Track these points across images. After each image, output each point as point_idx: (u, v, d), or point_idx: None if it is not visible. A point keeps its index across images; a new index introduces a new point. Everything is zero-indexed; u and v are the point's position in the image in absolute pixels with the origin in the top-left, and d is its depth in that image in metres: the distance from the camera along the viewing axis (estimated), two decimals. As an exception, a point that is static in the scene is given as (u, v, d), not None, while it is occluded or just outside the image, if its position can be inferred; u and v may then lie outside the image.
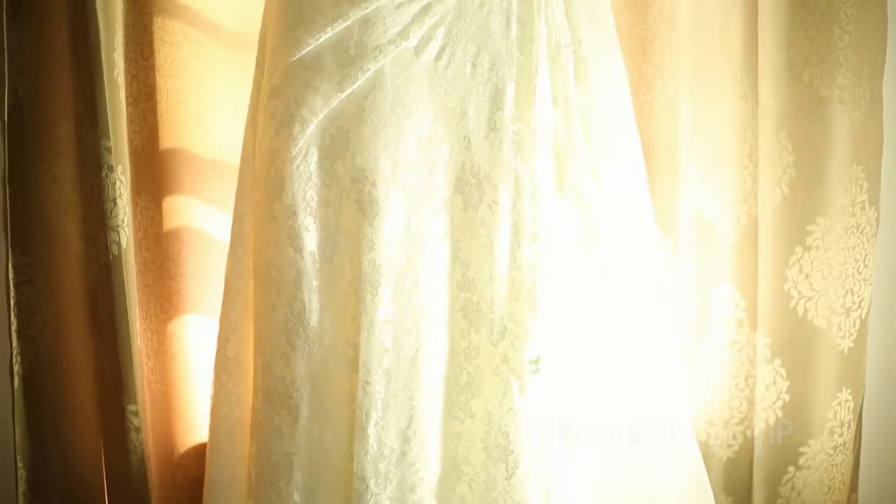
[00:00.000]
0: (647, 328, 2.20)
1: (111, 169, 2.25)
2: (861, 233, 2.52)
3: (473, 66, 2.07)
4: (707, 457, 2.48)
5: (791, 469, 2.58)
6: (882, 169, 2.52)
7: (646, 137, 2.35)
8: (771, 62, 2.47)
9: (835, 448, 2.57)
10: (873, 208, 2.52)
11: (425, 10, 2.06)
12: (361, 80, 2.05)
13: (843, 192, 2.50)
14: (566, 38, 2.10)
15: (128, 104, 2.36)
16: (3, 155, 2.31)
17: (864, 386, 2.58)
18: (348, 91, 2.06)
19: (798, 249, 2.52)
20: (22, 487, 2.39)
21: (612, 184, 2.14)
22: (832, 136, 2.48)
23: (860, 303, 2.55)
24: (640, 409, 2.17)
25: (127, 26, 2.36)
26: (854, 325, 2.55)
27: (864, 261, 2.54)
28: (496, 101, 2.07)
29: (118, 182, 2.26)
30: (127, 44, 2.36)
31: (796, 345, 2.54)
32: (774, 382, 2.55)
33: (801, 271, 2.52)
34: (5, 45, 2.27)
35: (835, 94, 2.47)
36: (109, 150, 2.25)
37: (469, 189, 2.08)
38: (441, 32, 2.07)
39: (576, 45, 2.11)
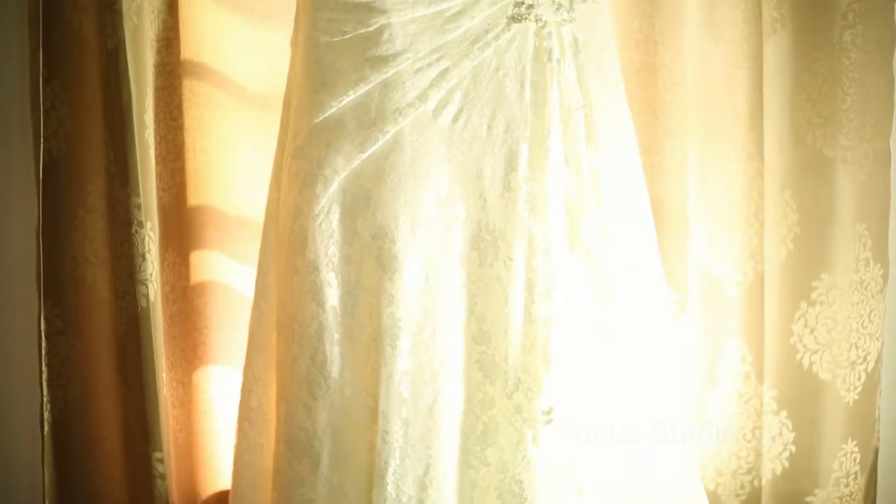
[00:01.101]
0: (657, 380, 2.27)
1: (140, 225, 2.35)
2: (865, 288, 2.60)
3: (489, 128, 2.17)
4: (716, 506, 2.57)
5: (799, 519, 2.65)
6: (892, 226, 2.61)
7: (655, 196, 2.44)
8: (775, 124, 2.56)
9: (841, 498, 2.64)
10: (878, 265, 2.60)
11: (443, 74, 2.16)
12: (382, 142, 2.15)
13: (847, 248, 2.58)
14: (578, 102, 2.19)
15: (157, 163, 2.46)
16: (37, 211, 2.40)
17: (877, 439, 2.64)
18: (369, 152, 2.15)
19: (803, 304, 2.60)
20: (51, 531, 2.47)
21: (622, 242, 2.23)
22: (835, 194, 2.57)
23: (865, 356, 2.62)
24: (650, 458, 2.24)
25: (157, 88, 2.46)
26: (859, 379, 2.62)
27: (868, 316, 2.61)
28: (511, 162, 2.16)
29: (147, 238, 2.36)
30: (157, 105, 2.46)
31: (802, 397, 2.61)
32: (781, 434, 2.62)
33: (806, 325, 2.60)
34: (41, 106, 2.37)
35: (838, 154, 2.56)
36: (139, 207, 2.34)
37: (485, 246, 2.16)
38: (458, 96, 2.16)
39: (587, 109, 2.20)
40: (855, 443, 2.63)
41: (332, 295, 2.16)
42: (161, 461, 2.40)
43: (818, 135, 2.57)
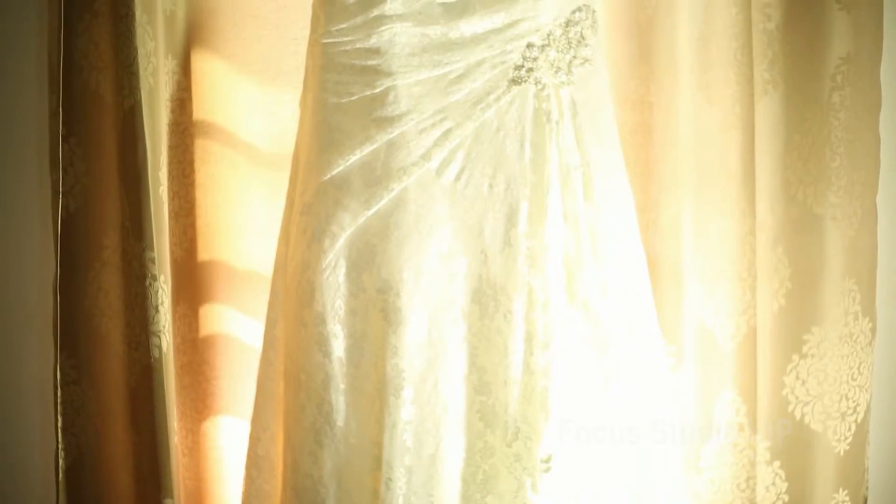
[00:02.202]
0: (653, 431, 2.34)
1: (155, 278, 2.42)
2: (854, 342, 2.67)
3: (490, 186, 2.24)
4: (712, 553, 2.63)
5: (792, 564, 2.71)
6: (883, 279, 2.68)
7: (651, 252, 2.52)
8: (767, 182, 2.65)
9: (832, 546, 2.70)
10: (867, 319, 2.67)
11: (446, 134, 2.24)
12: (387, 199, 2.22)
13: (837, 303, 2.66)
14: (576, 161, 2.27)
15: (169, 218, 2.54)
16: (55, 264, 2.48)
17: (866, 488, 2.70)
18: (375, 208, 2.22)
19: (795, 357, 2.67)
20: (64, 575, 2.53)
21: (618, 295, 2.29)
22: (825, 250, 2.65)
23: (855, 408, 2.69)
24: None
25: (170, 147, 2.55)
26: (849, 429, 2.69)
27: (858, 368, 2.68)
28: (511, 219, 2.24)
29: (161, 290, 2.43)
30: (170, 162, 2.55)
31: (794, 448, 2.68)
32: (774, 483, 2.69)
33: (797, 378, 2.67)
34: (60, 163, 2.45)
35: (827, 211, 2.64)
36: (153, 261, 2.42)
37: (486, 299, 2.23)
38: (460, 155, 2.24)
39: (585, 167, 2.28)
40: (846, 492, 2.69)
41: (339, 346, 2.23)
42: (171, 507, 2.47)
43: (808, 192, 2.65)
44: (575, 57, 2.27)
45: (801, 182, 2.65)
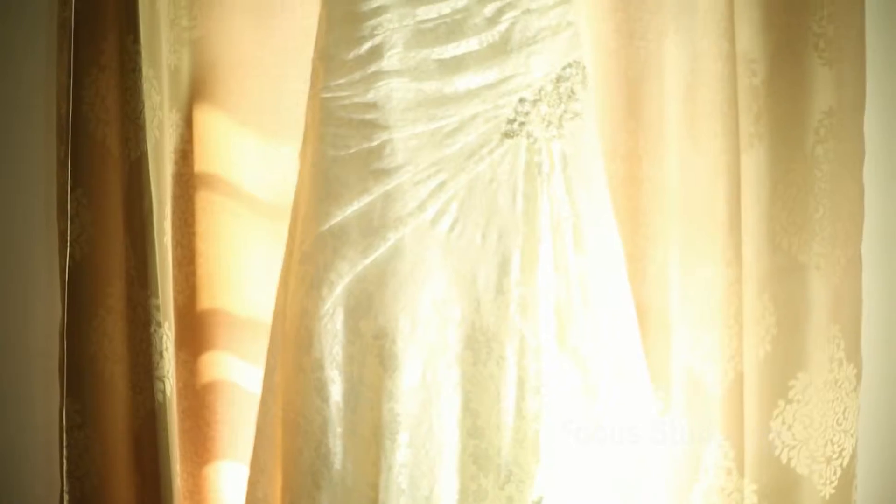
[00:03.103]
0: (642, 474, 2.40)
1: (159, 325, 2.49)
2: (839, 387, 2.74)
3: (483, 236, 2.31)
4: None
5: None
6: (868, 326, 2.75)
7: (639, 300, 2.56)
8: (753, 231, 2.71)
9: (819, 588, 2.75)
10: (851, 365, 2.73)
11: (441, 186, 2.31)
12: (383, 248, 2.29)
13: (822, 349, 2.72)
14: (566, 212, 2.34)
15: (172, 266, 2.61)
16: (61, 310, 2.55)
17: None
18: (372, 257, 2.29)
19: (781, 402, 2.72)
20: None
21: (608, 342, 2.35)
22: (810, 298, 2.71)
23: (841, 452, 2.74)
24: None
25: (174, 197, 2.62)
26: (835, 473, 2.74)
27: (843, 413, 2.74)
28: (503, 268, 2.30)
29: (165, 337, 2.50)
30: (173, 212, 2.61)
31: (781, 491, 2.73)
32: (761, 526, 2.75)
33: (784, 422, 2.73)
34: (67, 212, 2.52)
35: (812, 260, 2.71)
36: (158, 308, 2.49)
37: (479, 346, 2.30)
38: (454, 206, 2.31)
39: (575, 218, 2.34)
40: (832, 534, 2.75)
41: (336, 391, 2.29)
42: (173, 549, 2.52)
43: (793, 241, 2.71)
44: (566, 111, 2.34)
45: (786, 231, 2.71)
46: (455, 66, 2.31)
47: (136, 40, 2.45)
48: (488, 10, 2.33)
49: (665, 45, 2.66)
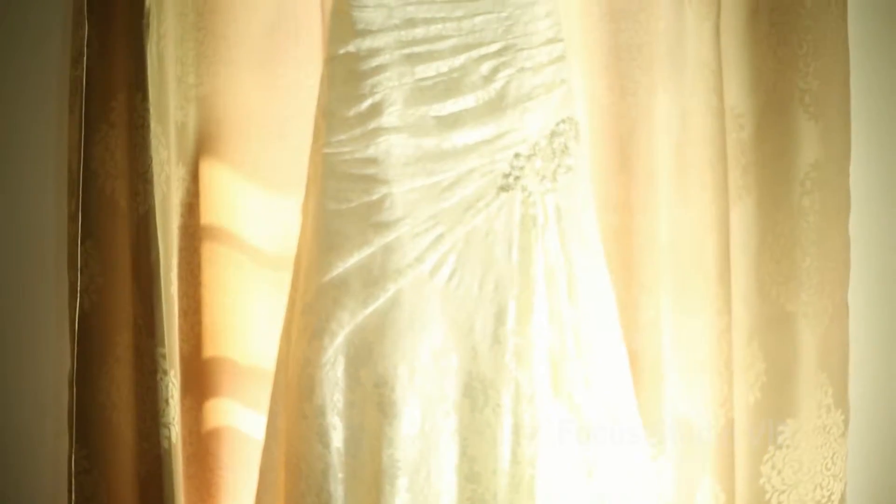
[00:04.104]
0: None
1: (165, 373, 2.54)
2: (828, 433, 2.79)
3: (480, 286, 2.37)
4: None
5: None
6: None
7: (632, 348, 2.61)
8: (742, 281, 2.77)
9: None
10: (839, 411, 2.79)
11: (439, 239, 2.38)
12: (383, 299, 2.35)
13: (810, 396, 2.77)
14: (560, 263, 2.40)
15: (178, 316, 2.66)
16: (70, 359, 2.61)
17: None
18: (371, 308, 2.35)
19: (771, 448, 2.78)
20: None
21: (601, 388, 2.42)
22: (799, 346, 2.77)
23: (830, 496, 2.79)
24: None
25: (180, 249, 2.67)
26: (824, 518, 2.81)
27: (832, 458, 2.80)
28: (499, 318, 2.37)
29: (171, 384, 2.55)
30: (179, 264, 2.66)
31: (772, 534, 2.79)
32: (753, 569, 2.79)
33: (773, 467, 2.78)
34: (77, 264, 2.58)
35: (800, 309, 2.77)
36: (164, 357, 2.54)
37: (475, 393, 2.36)
38: (452, 258, 2.38)
39: (569, 269, 2.41)
40: (822, 578, 2.80)
41: (337, 437, 2.34)
42: (176, 593, 2.57)
43: (781, 291, 2.77)
44: (559, 165, 2.41)
45: (774, 281, 2.77)
46: (452, 122, 2.38)
47: (145, 98, 2.51)
48: (484, 68, 2.40)
49: (656, 101, 2.73)
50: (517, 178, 2.39)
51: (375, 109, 2.38)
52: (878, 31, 2.90)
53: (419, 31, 2.39)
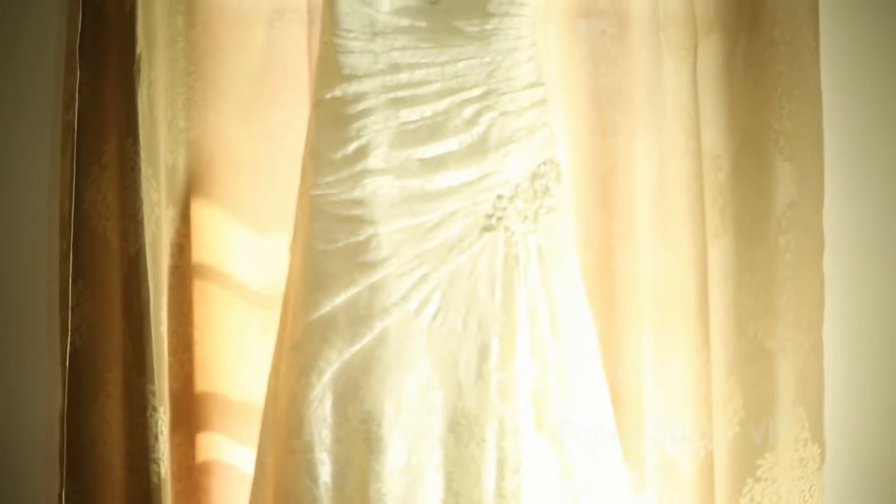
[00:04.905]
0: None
1: (155, 409, 2.59)
2: (805, 466, 2.84)
3: (464, 324, 2.42)
4: None
5: None
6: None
7: (614, 382, 2.67)
8: (721, 317, 2.82)
9: None
10: (816, 444, 2.84)
11: (424, 278, 2.43)
12: (369, 337, 2.40)
13: (788, 429, 2.82)
14: (542, 301, 2.45)
15: (168, 353, 2.70)
16: (62, 396, 2.65)
17: None
18: (358, 345, 2.40)
19: (749, 480, 2.82)
20: None
21: (583, 423, 2.46)
22: (776, 380, 2.82)
23: (807, 528, 2.86)
24: None
25: (170, 288, 2.71)
26: (803, 549, 2.85)
27: (809, 490, 2.84)
28: (483, 354, 2.42)
29: (160, 421, 2.60)
30: (170, 303, 2.70)
31: (752, 566, 2.84)
32: None
33: (752, 500, 2.82)
34: (69, 303, 2.63)
35: (777, 344, 2.82)
36: (154, 394, 2.58)
37: (460, 429, 2.40)
38: (437, 296, 2.43)
39: (551, 307, 2.46)
40: None
41: (325, 472, 2.38)
42: None
43: (759, 327, 2.82)
44: (541, 206, 2.47)
45: (751, 317, 2.82)
46: (437, 164, 2.44)
47: (136, 142, 2.56)
48: (467, 112, 2.46)
49: (635, 142, 2.79)
50: (500, 218, 2.45)
51: (361, 152, 2.43)
52: (849, 75, 2.96)
53: (404, 76, 2.45)
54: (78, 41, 2.60)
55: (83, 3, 2.59)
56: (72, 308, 2.64)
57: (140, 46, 2.57)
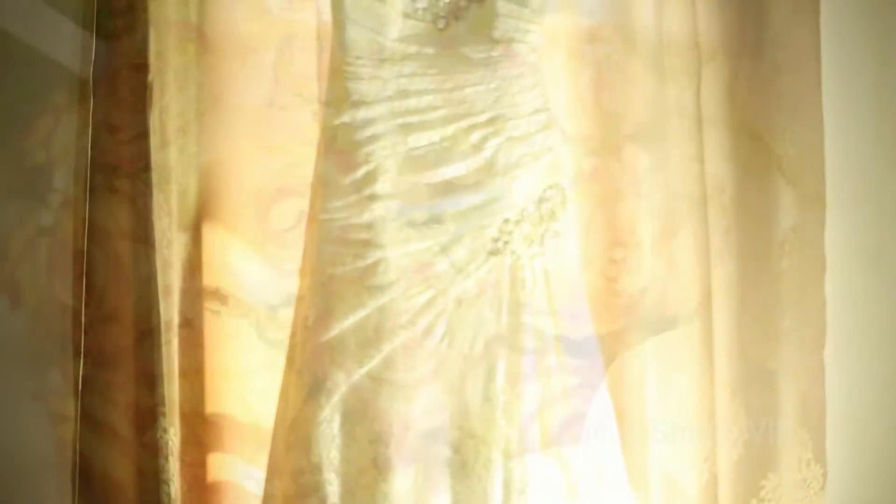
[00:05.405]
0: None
1: (165, 431, 2.63)
2: (808, 487, 2.87)
3: (471, 347, 2.46)
4: None
5: None
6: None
7: (619, 405, 2.68)
8: (724, 340, 2.84)
9: None
10: (818, 465, 2.87)
11: (431, 301, 2.46)
12: (378, 359, 2.44)
13: (790, 451, 2.84)
14: (548, 324, 2.49)
15: (180, 376, 2.74)
16: (74, 418, 2.68)
17: None
18: (367, 367, 2.43)
19: (753, 501, 2.84)
20: None
21: (588, 446, 2.50)
22: (779, 402, 2.84)
23: (810, 548, 2.89)
24: None
25: (181, 312, 2.74)
26: (806, 573, 2.88)
27: (811, 511, 2.89)
28: (490, 376, 2.45)
29: (170, 442, 2.64)
30: (181, 326, 2.75)
31: (756, 590, 2.86)
32: None
33: (756, 521, 2.87)
34: (82, 325, 2.66)
35: (780, 366, 2.84)
36: (164, 415, 2.62)
37: (467, 450, 2.44)
38: (444, 320, 2.46)
39: (556, 329, 2.50)
40: None
41: (333, 493, 2.42)
42: None
43: (763, 349, 2.84)
44: (547, 230, 2.51)
45: (755, 340, 2.84)
46: (444, 189, 2.47)
47: (147, 168, 2.61)
48: (474, 137, 2.50)
49: (639, 167, 2.81)
50: (506, 242, 2.48)
51: (370, 177, 2.47)
52: (851, 99, 3.00)
53: (412, 102, 2.49)
54: (91, 69, 2.64)
55: (96, 31, 2.64)
56: (84, 330, 2.67)
57: (152, 74, 2.62)
